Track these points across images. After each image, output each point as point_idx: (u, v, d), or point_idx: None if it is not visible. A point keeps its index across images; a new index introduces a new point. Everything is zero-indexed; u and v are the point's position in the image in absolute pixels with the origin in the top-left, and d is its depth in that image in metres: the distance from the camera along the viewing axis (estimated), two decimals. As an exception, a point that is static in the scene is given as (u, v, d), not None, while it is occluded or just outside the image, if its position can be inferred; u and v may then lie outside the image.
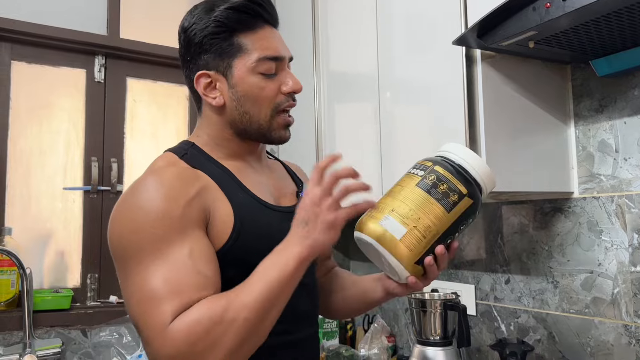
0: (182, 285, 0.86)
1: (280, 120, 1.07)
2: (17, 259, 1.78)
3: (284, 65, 1.07)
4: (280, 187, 1.15)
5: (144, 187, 0.95)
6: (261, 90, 1.04)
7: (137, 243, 0.90)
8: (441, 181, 0.94)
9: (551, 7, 1.15)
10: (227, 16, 1.03)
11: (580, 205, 1.53)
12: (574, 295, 1.54)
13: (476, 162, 0.98)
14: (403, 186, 0.96)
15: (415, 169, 0.98)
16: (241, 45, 1.03)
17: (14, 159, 2.03)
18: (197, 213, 0.94)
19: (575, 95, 1.56)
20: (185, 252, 0.89)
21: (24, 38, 2.05)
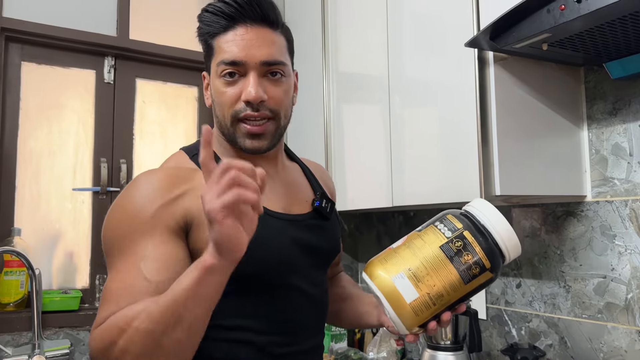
0: (126, 289, 0.86)
1: (242, 129, 0.99)
2: (26, 260, 1.78)
3: (245, 70, 0.98)
4: (293, 194, 1.10)
5: (133, 184, 0.95)
6: (221, 95, 1.00)
7: (110, 240, 0.92)
8: (467, 250, 0.88)
9: (566, 10, 1.13)
10: (203, 19, 1.03)
11: (593, 209, 1.51)
12: (586, 300, 1.53)
13: (507, 233, 0.90)
14: (425, 242, 0.89)
15: (442, 224, 0.91)
16: (214, 48, 1.02)
17: (23, 159, 2.03)
18: (171, 216, 0.91)
19: (588, 97, 1.55)
20: (141, 255, 0.88)
21: (34, 39, 2.05)
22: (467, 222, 0.91)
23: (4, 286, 1.90)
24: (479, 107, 1.39)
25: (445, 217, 0.92)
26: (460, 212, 0.94)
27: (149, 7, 2.30)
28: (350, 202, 1.96)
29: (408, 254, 0.89)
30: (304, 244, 1.04)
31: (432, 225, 0.92)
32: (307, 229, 1.06)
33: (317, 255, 1.08)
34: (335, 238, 1.14)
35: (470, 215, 0.92)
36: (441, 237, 0.89)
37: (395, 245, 0.93)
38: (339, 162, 2.02)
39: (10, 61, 2.03)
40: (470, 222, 0.91)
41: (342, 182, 2.00)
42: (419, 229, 0.94)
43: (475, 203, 0.94)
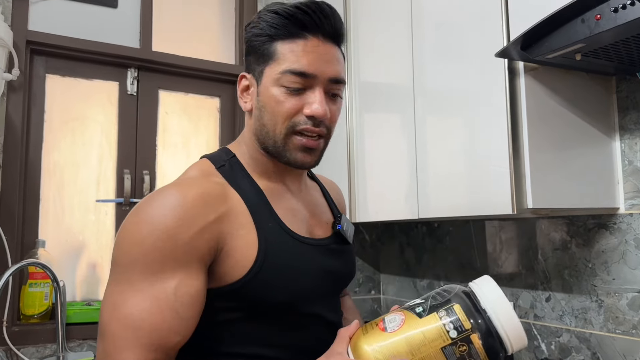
0: (157, 321, 0.80)
1: (296, 142, 0.95)
2: (51, 272, 1.78)
3: (314, 84, 0.95)
4: (315, 215, 1.07)
5: (163, 199, 0.87)
6: (278, 104, 0.94)
7: (131, 255, 0.84)
8: (470, 355, 0.79)
9: (602, 20, 1.11)
10: (267, 20, 0.96)
11: (627, 222, 1.48)
12: (620, 315, 1.49)
13: (516, 332, 0.81)
14: (426, 338, 0.79)
15: (448, 316, 0.80)
16: (275, 53, 0.95)
17: (47, 171, 2.04)
18: (205, 244, 0.86)
19: (620, 107, 1.51)
20: (172, 286, 0.82)
21: (58, 52, 2.07)
22: (476, 321, 0.79)
23: (28, 298, 1.90)
24: (509, 118, 1.37)
25: (452, 308, 0.80)
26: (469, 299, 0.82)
27: (172, 19, 2.31)
28: (373, 213, 1.94)
29: (404, 347, 0.79)
30: (328, 271, 1.01)
31: (436, 314, 0.80)
32: (329, 254, 1.03)
33: (338, 281, 1.06)
34: (353, 262, 1.13)
35: (480, 310, 0.81)
36: (445, 336, 0.78)
37: (391, 327, 0.82)
38: (361, 173, 2.01)
39: (35, 73, 2.05)
40: (480, 320, 0.80)
41: (364, 193, 1.98)
42: (418, 310, 0.82)
43: (485, 290, 0.83)
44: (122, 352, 0.79)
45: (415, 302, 0.85)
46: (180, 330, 0.82)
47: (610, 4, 1.08)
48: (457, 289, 0.85)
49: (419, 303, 0.84)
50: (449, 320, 0.79)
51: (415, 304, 0.84)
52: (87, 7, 2.15)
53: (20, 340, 1.84)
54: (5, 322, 1.82)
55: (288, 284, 0.92)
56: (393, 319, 0.82)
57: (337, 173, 2.10)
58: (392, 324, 0.82)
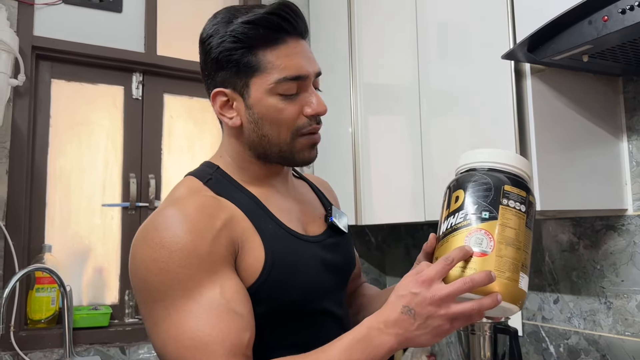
0: (223, 328, 0.79)
1: (304, 141, 0.97)
2: (57, 277, 1.79)
3: (307, 84, 0.96)
4: (307, 212, 1.07)
5: (165, 221, 0.86)
6: (279, 112, 0.94)
7: (163, 285, 0.82)
8: (534, 210, 0.88)
9: (609, 21, 1.10)
10: (244, 31, 0.92)
11: (635, 223, 1.47)
12: (629, 317, 1.48)
13: (529, 165, 0.90)
14: (516, 229, 0.83)
15: (512, 200, 0.84)
16: (259, 63, 0.92)
17: (53, 176, 2.05)
18: (225, 248, 0.86)
19: (627, 108, 1.51)
20: (217, 292, 0.82)
21: (63, 57, 2.07)
22: (524, 184, 0.86)
23: (35, 303, 1.91)
24: (516, 120, 1.36)
25: (504, 190, 0.84)
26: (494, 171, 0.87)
27: (176, 23, 2.31)
28: (379, 215, 1.93)
29: (512, 251, 0.81)
30: (329, 266, 1.01)
31: (502, 206, 0.83)
32: (327, 249, 1.03)
33: (339, 275, 1.06)
34: (351, 253, 1.12)
35: (510, 173, 0.87)
36: (522, 216, 0.84)
37: (486, 246, 0.82)
38: (366, 175, 2.00)
39: (41, 79, 2.05)
40: (522, 182, 0.86)
41: (370, 195, 1.97)
42: (485, 215, 0.83)
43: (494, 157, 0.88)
44: (210, 355, 0.78)
45: (467, 213, 0.84)
46: (246, 327, 0.82)
47: (617, 5, 1.08)
48: (479, 176, 0.87)
49: (478, 209, 0.84)
50: (513, 201, 0.84)
51: (476, 213, 0.84)
52: (92, 12, 2.15)
53: (28, 345, 1.84)
54: (12, 327, 1.82)
55: (298, 282, 0.93)
56: (477, 239, 0.82)
57: (343, 175, 2.10)
58: (484, 244, 0.82)
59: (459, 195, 0.87)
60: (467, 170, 0.89)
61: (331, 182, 1.32)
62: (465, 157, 0.91)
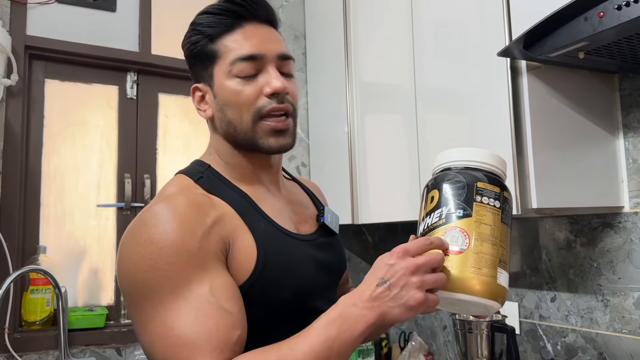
0: (211, 326, 0.78)
1: (265, 126, 0.94)
2: (52, 278, 1.77)
3: (264, 64, 0.95)
4: (299, 212, 1.06)
5: (154, 217, 0.84)
6: (237, 94, 0.94)
7: (152, 282, 0.81)
8: (510, 208, 0.87)
9: (605, 17, 1.10)
10: (202, 22, 0.97)
11: (632, 221, 1.47)
12: (626, 315, 1.48)
13: (504, 163, 0.90)
14: (491, 225, 0.83)
15: (486, 197, 0.84)
16: (218, 50, 0.95)
17: (48, 176, 2.03)
18: (215, 244, 0.85)
19: (623, 105, 1.50)
20: (207, 289, 0.81)
21: (57, 56, 2.06)
22: (498, 181, 0.86)
23: (30, 304, 1.89)
24: (512, 118, 1.36)
25: (477, 187, 0.84)
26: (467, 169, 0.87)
27: (171, 22, 2.30)
28: (376, 215, 1.93)
29: (488, 247, 0.81)
30: (321, 264, 1.01)
31: (476, 203, 0.83)
32: (319, 248, 1.03)
33: (332, 274, 1.05)
34: (342, 253, 1.12)
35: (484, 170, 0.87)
36: (497, 211, 0.84)
37: (462, 244, 0.82)
38: (362, 174, 2.00)
39: (34, 78, 2.04)
40: (492, 175, 0.86)
41: (366, 195, 1.97)
42: (460, 213, 0.83)
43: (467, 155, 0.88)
44: (196, 353, 0.77)
45: (443, 212, 0.84)
46: (235, 324, 0.81)
47: (613, 1, 1.07)
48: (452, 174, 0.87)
49: (453, 207, 0.84)
50: (487, 198, 0.84)
51: (450, 210, 0.84)
52: (86, 11, 2.13)
53: (22, 347, 1.83)
54: (7, 329, 1.81)
55: (291, 280, 0.92)
56: (453, 237, 0.82)
57: (339, 175, 2.09)
58: (460, 241, 0.82)
59: (434, 195, 0.87)
60: (442, 170, 0.89)
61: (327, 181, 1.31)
62: (440, 156, 0.91)
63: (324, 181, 2.16)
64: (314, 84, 2.38)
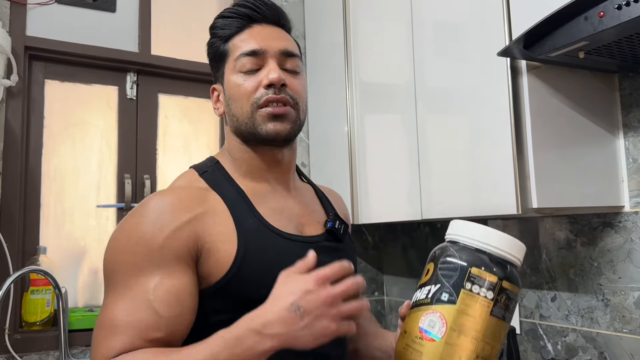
0: (135, 322, 0.83)
1: (262, 113, 0.98)
2: (52, 279, 1.77)
3: (265, 60, 1.00)
4: (306, 214, 1.06)
5: (139, 209, 0.92)
6: (239, 87, 1.00)
7: (114, 264, 0.89)
8: (510, 299, 0.79)
9: (605, 17, 1.10)
10: (218, 25, 1.04)
11: (632, 220, 1.47)
12: (627, 314, 1.48)
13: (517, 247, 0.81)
14: (475, 317, 0.76)
15: (477, 285, 0.77)
16: (228, 49, 1.03)
17: (47, 177, 2.03)
18: (181, 244, 0.88)
19: (623, 105, 1.50)
20: (150, 287, 0.85)
21: (57, 57, 2.06)
22: (495, 270, 0.78)
23: (30, 305, 1.89)
24: (512, 117, 1.36)
25: (471, 274, 0.77)
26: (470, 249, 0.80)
27: (170, 22, 2.30)
28: (376, 215, 1.93)
29: (465, 341, 0.76)
30: (318, 267, 0.99)
31: (464, 290, 0.77)
32: (321, 251, 1.00)
33: None
34: (350, 261, 1.09)
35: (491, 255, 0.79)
36: (486, 303, 0.77)
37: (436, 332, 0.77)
38: (362, 174, 1.99)
39: (34, 79, 2.04)
40: (496, 267, 0.78)
41: (366, 195, 1.97)
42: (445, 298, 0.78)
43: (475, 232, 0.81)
44: (102, 342, 0.83)
45: (430, 290, 0.80)
46: (160, 327, 0.84)
47: (613, 1, 1.07)
48: (451, 251, 0.81)
49: (440, 289, 0.79)
50: (478, 287, 0.77)
51: (436, 294, 0.79)
52: (86, 11, 2.14)
53: (23, 348, 1.83)
54: (7, 330, 1.81)
55: (271, 281, 0.89)
56: (431, 322, 0.78)
57: (339, 174, 2.09)
58: (436, 328, 0.77)
59: (429, 268, 0.83)
60: (449, 241, 0.84)
61: (327, 181, 1.31)
62: (453, 224, 0.86)
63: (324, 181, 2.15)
64: (313, 84, 2.38)
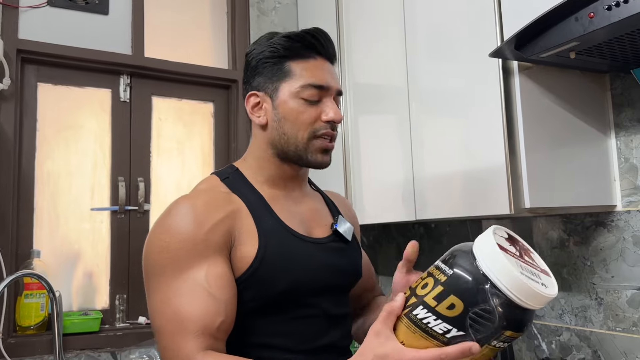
0: (199, 308, 0.92)
1: (318, 144, 1.08)
2: (46, 283, 1.76)
3: (328, 95, 1.10)
4: (315, 218, 1.15)
5: (177, 209, 1.01)
6: (300, 114, 1.07)
7: (161, 261, 0.97)
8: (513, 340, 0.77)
9: (595, 17, 1.10)
10: (281, 43, 1.09)
11: (624, 219, 1.47)
12: (620, 313, 1.48)
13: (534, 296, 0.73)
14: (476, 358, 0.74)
15: (502, 342, 0.74)
16: (290, 71, 1.08)
17: (41, 181, 2.03)
18: (220, 237, 0.99)
19: (615, 105, 1.51)
20: (202, 275, 0.94)
21: (49, 60, 2.05)
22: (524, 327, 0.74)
23: (24, 309, 1.88)
24: (505, 118, 1.36)
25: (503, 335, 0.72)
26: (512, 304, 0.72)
27: (163, 24, 2.30)
28: (370, 216, 1.93)
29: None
30: (328, 266, 1.09)
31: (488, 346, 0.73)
32: (329, 251, 1.11)
33: (341, 277, 1.13)
34: (355, 262, 1.19)
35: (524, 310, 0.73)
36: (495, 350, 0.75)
37: None
38: (357, 175, 2.00)
39: (27, 82, 2.03)
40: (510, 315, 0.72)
41: (361, 196, 1.97)
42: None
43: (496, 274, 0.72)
44: (179, 343, 0.91)
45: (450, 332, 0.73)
46: (220, 311, 0.93)
47: (603, 2, 1.08)
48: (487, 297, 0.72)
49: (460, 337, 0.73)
50: (502, 343, 0.74)
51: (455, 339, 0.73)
52: (78, 14, 2.13)
53: (17, 352, 1.82)
54: (1, 334, 1.80)
55: (288, 274, 1.01)
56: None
57: (333, 176, 2.09)
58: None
59: (455, 302, 0.73)
60: (483, 275, 0.73)
61: (321, 183, 1.32)
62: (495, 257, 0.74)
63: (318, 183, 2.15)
64: (307, 86, 2.38)
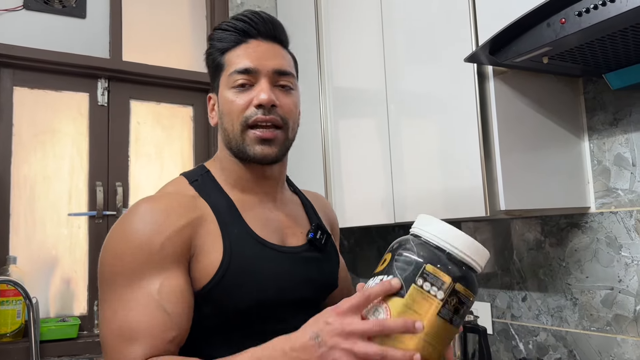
0: (150, 325, 0.86)
1: (251, 134, 0.99)
2: (22, 289, 1.75)
3: (257, 78, 1.01)
4: (290, 226, 1.08)
5: (134, 214, 0.93)
6: (231, 103, 1.00)
7: (114, 269, 0.90)
8: (462, 303, 0.77)
9: (566, 23, 1.13)
10: (215, 37, 1.05)
11: (598, 221, 1.50)
12: (594, 313, 1.51)
13: (479, 252, 0.79)
14: (420, 314, 0.74)
15: (429, 283, 0.75)
16: (224, 63, 1.03)
17: (17, 185, 2.00)
18: (178, 247, 0.91)
19: (588, 108, 1.54)
20: (156, 288, 0.88)
21: (25, 63, 2.03)
22: (452, 270, 0.76)
23: (0, 316, 1.86)
24: (480, 121, 1.38)
25: (425, 271, 0.75)
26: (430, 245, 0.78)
27: (142, 28, 2.29)
28: (351, 219, 1.94)
29: (406, 337, 0.74)
30: (302, 278, 1.02)
31: (414, 286, 0.75)
32: (303, 262, 1.04)
33: (312, 290, 1.05)
34: (330, 271, 1.11)
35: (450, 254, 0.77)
36: (434, 302, 0.75)
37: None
38: (337, 179, 2.01)
39: (2, 86, 2.01)
40: (451, 266, 0.77)
41: (341, 199, 1.98)
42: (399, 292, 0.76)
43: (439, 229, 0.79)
44: (121, 356, 0.85)
45: (382, 280, 0.78)
46: (172, 326, 0.87)
47: (574, 8, 1.10)
48: (410, 245, 0.79)
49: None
50: (429, 284, 0.75)
51: None
52: (55, 18, 2.11)
53: (-7, 360, 1.80)
54: (-24, 342, 1.78)
55: (254, 289, 0.94)
56: (376, 311, 0.76)
57: (314, 180, 2.10)
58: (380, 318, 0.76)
59: (386, 258, 0.81)
60: (412, 234, 0.82)
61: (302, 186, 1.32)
62: (418, 218, 0.83)
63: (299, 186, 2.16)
64: (287, 89, 2.39)
